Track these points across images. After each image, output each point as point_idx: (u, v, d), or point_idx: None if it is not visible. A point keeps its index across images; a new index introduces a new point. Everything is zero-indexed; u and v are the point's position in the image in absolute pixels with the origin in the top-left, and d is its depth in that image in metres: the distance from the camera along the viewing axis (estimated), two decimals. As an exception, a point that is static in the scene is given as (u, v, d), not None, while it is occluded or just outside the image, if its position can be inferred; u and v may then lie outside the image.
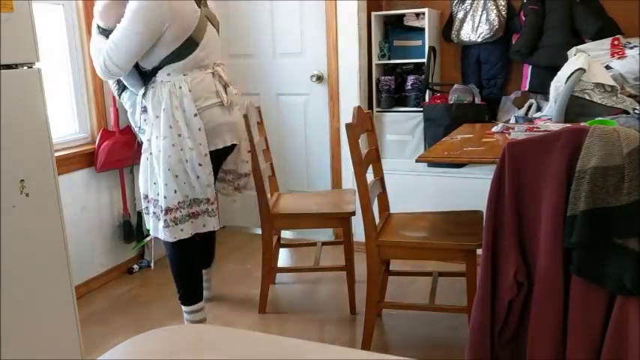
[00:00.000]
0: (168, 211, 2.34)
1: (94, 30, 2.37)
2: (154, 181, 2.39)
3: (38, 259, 1.79)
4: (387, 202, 2.60)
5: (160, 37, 2.25)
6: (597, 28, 3.07)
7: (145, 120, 2.38)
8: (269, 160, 3.05)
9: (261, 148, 2.93)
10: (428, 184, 3.26)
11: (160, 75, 2.33)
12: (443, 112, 3.29)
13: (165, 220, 2.34)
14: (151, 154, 2.37)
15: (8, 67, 1.68)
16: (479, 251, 1.77)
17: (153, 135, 2.35)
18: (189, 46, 2.31)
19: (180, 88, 2.31)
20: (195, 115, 2.32)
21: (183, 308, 2.55)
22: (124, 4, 2.25)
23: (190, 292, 2.52)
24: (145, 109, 2.37)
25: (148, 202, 2.45)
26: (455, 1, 3.50)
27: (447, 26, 3.58)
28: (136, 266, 3.32)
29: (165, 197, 2.33)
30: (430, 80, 3.49)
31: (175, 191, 2.33)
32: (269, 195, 2.93)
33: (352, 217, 2.71)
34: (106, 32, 2.31)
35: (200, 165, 2.35)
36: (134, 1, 2.20)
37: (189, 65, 2.35)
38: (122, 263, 3.29)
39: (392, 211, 2.61)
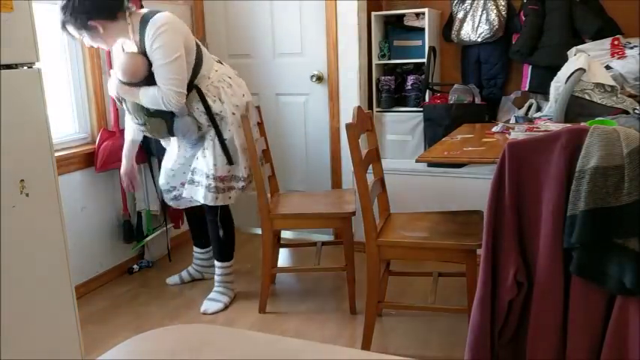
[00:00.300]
0: (246, 178, 2.75)
1: (127, 88, 2.54)
2: (224, 163, 2.69)
3: (38, 259, 1.79)
4: (387, 202, 2.60)
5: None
6: (597, 28, 3.07)
7: (210, 119, 2.64)
8: (269, 160, 3.05)
9: (261, 148, 2.94)
10: (428, 184, 3.26)
11: (202, 82, 2.61)
12: (443, 112, 3.29)
13: (243, 187, 2.76)
14: (224, 140, 2.66)
15: (8, 67, 1.68)
16: (479, 251, 1.77)
17: (222, 125, 2.65)
18: (199, 49, 2.61)
19: (225, 80, 2.68)
20: (244, 95, 2.75)
21: (227, 264, 2.87)
22: (140, 56, 2.49)
23: (233, 247, 2.90)
24: (207, 112, 2.62)
25: (218, 180, 2.68)
26: (455, 1, 3.50)
27: (447, 26, 3.58)
28: (136, 266, 3.32)
29: (245, 167, 2.73)
30: (430, 80, 3.49)
31: (247, 160, 2.72)
32: (269, 195, 2.94)
33: (352, 217, 2.71)
34: (142, 84, 2.51)
35: None
36: (155, 37, 2.42)
37: (210, 63, 2.66)
38: (122, 263, 3.29)
39: (392, 211, 2.61)
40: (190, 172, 2.74)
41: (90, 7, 2.38)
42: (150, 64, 2.48)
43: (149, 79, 2.50)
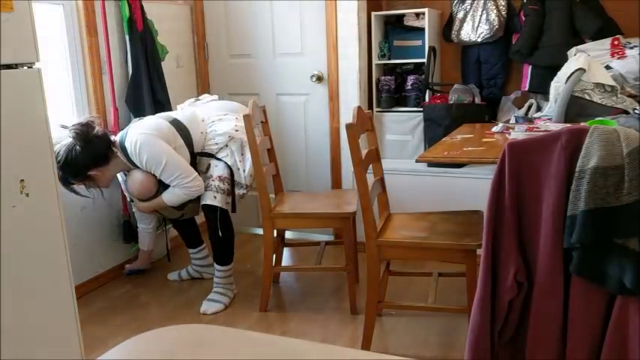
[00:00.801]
0: (248, 186, 2.85)
1: (150, 203, 2.77)
2: (224, 166, 2.79)
3: (38, 259, 1.79)
4: (387, 202, 2.60)
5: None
6: (597, 28, 3.07)
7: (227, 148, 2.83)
8: (273, 159, 3.05)
9: (265, 147, 2.94)
10: (428, 184, 3.26)
11: (199, 142, 2.80)
12: (443, 112, 3.29)
13: (244, 194, 2.85)
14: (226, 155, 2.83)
15: (8, 67, 1.68)
16: (479, 251, 1.77)
17: (229, 149, 2.81)
18: (179, 125, 2.74)
19: (213, 121, 2.85)
20: (237, 117, 2.88)
21: (226, 267, 2.88)
22: (141, 172, 2.68)
23: (232, 252, 2.90)
24: (209, 156, 2.83)
25: (217, 179, 2.77)
26: (455, 1, 3.50)
27: (447, 26, 3.58)
28: (136, 266, 3.32)
29: (250, 175, 2.81)
30: (430, 80, 3.49)
31: (250, 167, 2.77)
32: (273, 195, 2.94)
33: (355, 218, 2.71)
34: (160, 190, 2.73)
35: None
36: (138, 155, 2.61)
37: (194, 123, 2.81)
38: (122, 263, 3.29)
39: (392, 211, 2.61)
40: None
41: (84, 161, 2.58)
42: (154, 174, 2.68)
43: (163, 183, 2.70)
